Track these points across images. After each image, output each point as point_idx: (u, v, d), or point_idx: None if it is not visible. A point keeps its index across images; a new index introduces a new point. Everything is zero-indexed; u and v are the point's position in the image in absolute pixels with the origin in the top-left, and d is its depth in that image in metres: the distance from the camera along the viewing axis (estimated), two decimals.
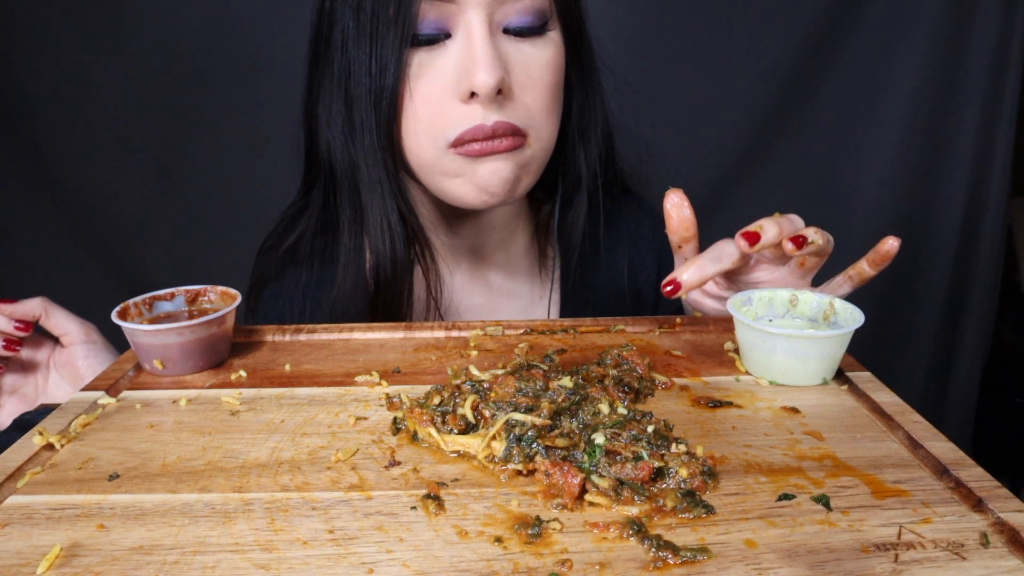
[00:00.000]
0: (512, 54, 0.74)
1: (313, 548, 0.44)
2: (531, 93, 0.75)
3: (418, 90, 0.74)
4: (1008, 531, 0.45)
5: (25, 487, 0.51)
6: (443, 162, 0.76)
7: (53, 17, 1.33)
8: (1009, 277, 1.70)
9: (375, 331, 0.78)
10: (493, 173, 0.75)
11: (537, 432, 0.52)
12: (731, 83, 1.41)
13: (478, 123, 0.73)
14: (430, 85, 0.74)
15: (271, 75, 1.35)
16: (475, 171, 0.76)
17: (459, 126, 0.74)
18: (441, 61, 0.74)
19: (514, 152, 0.75)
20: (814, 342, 0.63)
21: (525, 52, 0.75)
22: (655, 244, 0.99)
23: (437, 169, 0.77)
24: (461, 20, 0.72)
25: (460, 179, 0.77)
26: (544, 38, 0.76)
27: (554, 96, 0.78)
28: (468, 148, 0.74)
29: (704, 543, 0.44)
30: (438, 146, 0.75)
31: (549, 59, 0.76)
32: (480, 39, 0.71)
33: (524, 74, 0.75)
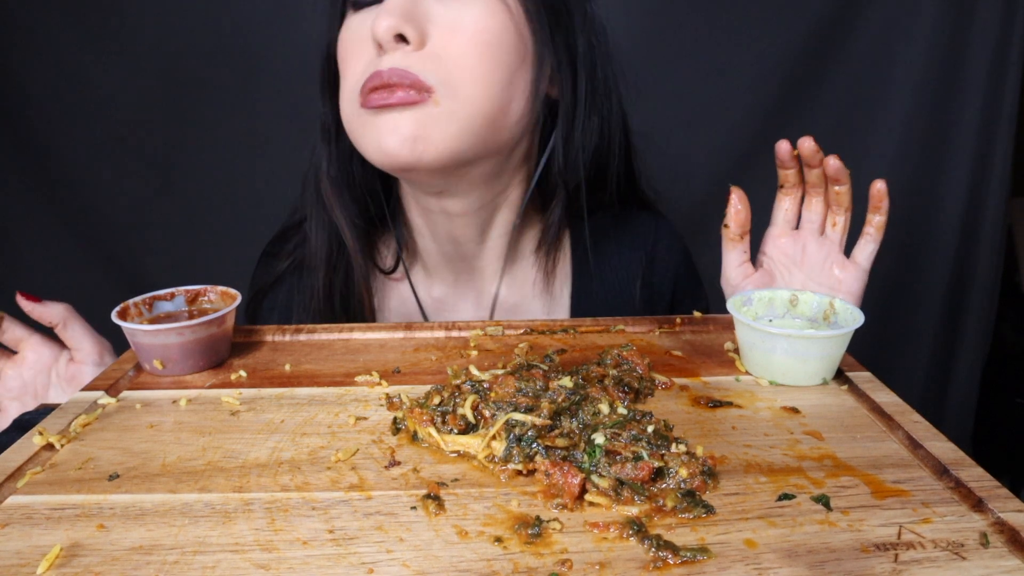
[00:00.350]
0: (437, 11, 0.71)
1: (313, 548, 0.44)
2: (449, 46, 0.70)
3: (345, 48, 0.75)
4: (1008, 531, 0.45)
5: (25, 487, 0.51)
6: (356, 118, 0.74)
7: (53, 17, 1.33)
8: (1009, 277, 1.70)
9: (375, 331, 0.78)
10: (391, 130, 0.70)
11: (537, 432, 0.52)
12: (731, 83, 1.41)
13: (374, 70, 0.70)
14: (355, 48, 0.74)
15: (271, 75, 1.36)
16: (375, 125, 0.71)
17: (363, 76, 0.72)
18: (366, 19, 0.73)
19: (415, 108, 0.70)
20: (814, 342, 0.63)
21: (452, 8, 0.71)
22: (671, 267, 0.95)
23: (351, 125, 0.75)
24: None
25: (365, 135, 0.73)
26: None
27: (485, 56, 0.71)
28: (368, 99, 0.71)
29: (704, 543, 0.44)
30: (352, 99, 0.73)
31: (478, 15, 0.71)
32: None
33: (446, 27, 0.71)
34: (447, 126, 0.71)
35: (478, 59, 0.71)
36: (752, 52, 1.39)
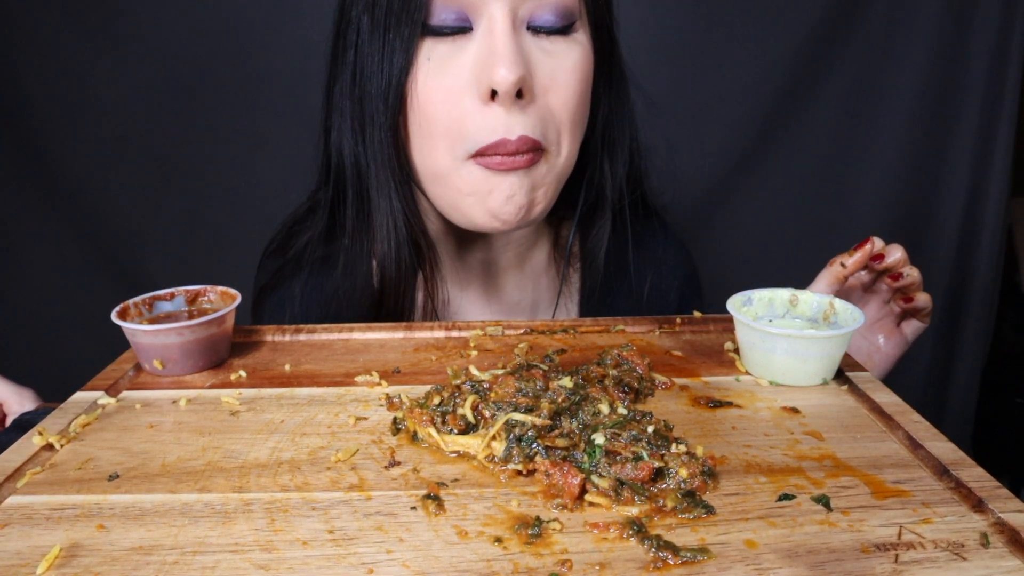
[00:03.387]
0: (535, 54, 0.69)
1: (313, 548, 0.44)
2: (555, 97, 0.71)
3: (432, 85, 0.70)
4: (1008, 531, 0.45)
5: (25, 487, 0.51)
6: (460, 174, 0.72)
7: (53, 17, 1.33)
8: (1009, 277, 1.70)
9: (375, 331, 0.78)
10: (507, 200, 0.71)
11: (537, 432, 0.52)
12: (731, 83, 1.41)
13: (501, 137, 0.68)
14: (446, 81, 0.69)
15: (271, 75, 1.36)
16: (490, 193, 0.71)
17: (482, 136, 0.69)
18: (459, 57, 0.69)
19: (528, 170, 0.71)
20: (814, 342, 0.63)
21: (549, 53, 0.70)
22: (678, 278, 0.95)
23: (452, 181, 0.73)
24: (483, 13, 0.68)
25: (473, 199, 0.72)
26: (570, 39, 0.71)
27: (580, 104, 0.73)
28: (490, 160, 0.70)
29: (704, 543, 0.44)
30: (456, 155, 0.71)
31: (576, 62, 0.71)
32: (502, 33, 0.67)
33: (548, 76, 0.70)
34: (551, 183, 0.74)
35: (576, 113, 0.73)
36: (752, 51, 1.39)
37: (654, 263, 0.93)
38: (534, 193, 0.73)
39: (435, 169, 0.74)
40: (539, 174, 0.72)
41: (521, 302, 0.92)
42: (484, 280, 0.91)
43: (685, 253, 0.97)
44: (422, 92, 0.71)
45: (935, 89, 1.41)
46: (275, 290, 0.89)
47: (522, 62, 0.67)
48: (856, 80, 1.42)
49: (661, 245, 0.95)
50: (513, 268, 0.90)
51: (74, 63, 1.36)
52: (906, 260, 0.75)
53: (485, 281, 0.91)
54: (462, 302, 0.91)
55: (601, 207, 0.85)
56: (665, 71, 1.41)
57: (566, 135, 0.73)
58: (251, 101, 1.39)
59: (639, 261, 0.93)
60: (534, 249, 0.91)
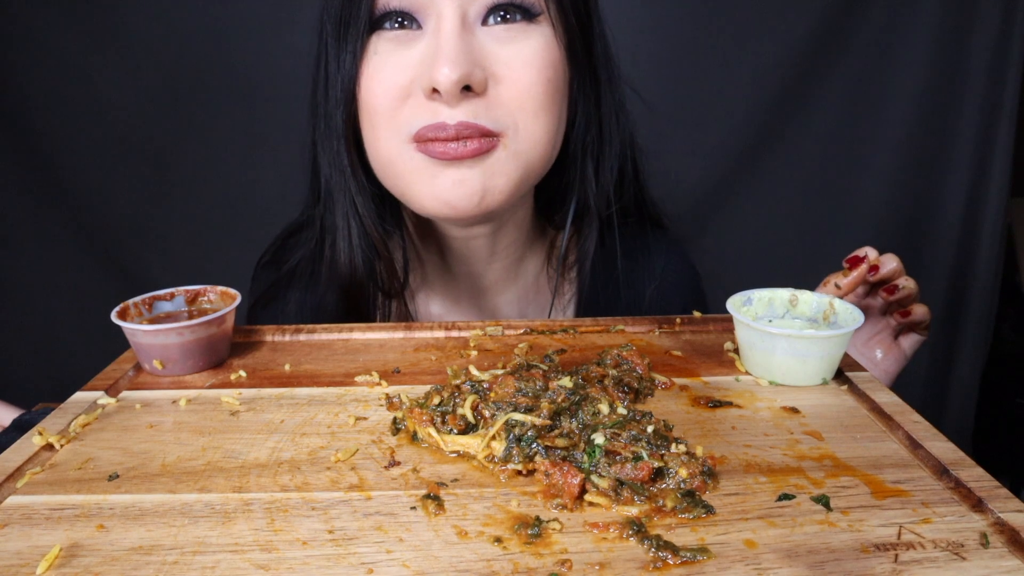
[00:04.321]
0: (490, 47, 0.68)
1: (313, 548, 0.44)
2: (510, 85, 0.68)
3: (376, 78, 0.69)
4: (1008, 531, 0.45)
5: (25, 487, 0.51)
6: (404, 159, 0.70)
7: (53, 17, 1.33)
8: (1009, 277, 1.70)
9: (375, 331, 0.78)
10: (456, 184, 0.68)
11: (537, 432, 0.52)
12: (731, 83, 1.41)
13: (441, 120, 0.66)
14: (393, 76, 0.68)
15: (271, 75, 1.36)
16: (435, 177, 0.69)
17: (420, 119, 0.68)
18: (407, 54, 0.68)
19: (482, 158, 0.68)
20: (814, 342, 0.63)
21: (505, 43, 0.68)
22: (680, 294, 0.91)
23: (398, 167, 0.71)
24: (432, 11, 0.67)
25: (420, 184, 0.70)
26: (529, 31, 0.69)
27: (543, 94, 0.69)
28: (429, 148, 0.68)
29: (704, 543, 0.44)
30: (400, 139, 0.69)
31: (534, 51, 0.69)
32: (448, 31, 0.65)
33: (503, 68, 0.68)
34: (512, 171, 0.70)
35: (540, 99, 0.69)
36: (752, 52, 1.39)
37: (655, 277, 0.91)
38: (491, 181, 0.69)
39: (381, 156, 0.72)
40: (496, 160, 0.69)
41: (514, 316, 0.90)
42: (475, 292, 0.89)
43: (689, 267, 0.94)
44: (367, 85, 0.70)
45: (935, 89, 1.41)
46: (269, 303, 0.88)
47: (467, 60, 0.65)
48: (856, 80, 1.42)
49: (662, 258, 0.92)
50: (504, 281, 0.88)
51: (74, 63, 1.36)
52: (902, 271, 0.72)
53: (476, 293, 0.89)
54: (455, 315, 0.90)
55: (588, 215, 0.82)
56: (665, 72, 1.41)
57: (527, 119, 0.69)
58: (251, 102, 1.39)
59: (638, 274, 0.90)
60: (526, 262, 0.89)
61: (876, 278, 0.72)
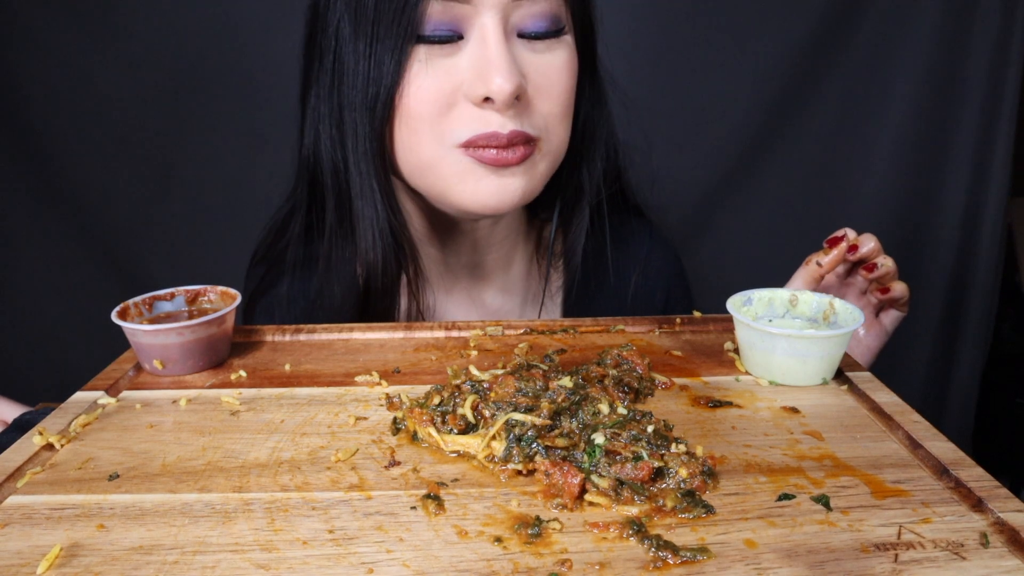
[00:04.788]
0: (527, 59, 0.71)
1: (313, 548, 0.44)
2: (546, 99, 0.73)
3: (423, 86, 0.70)
4: (1008, 531, 0.45)
5: (25, 487, 0.51)
6: (447, 162, 0.72)
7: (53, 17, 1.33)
8: (1009, 277, 1.70)
9: (375, 331, 0.78)
10: (500, 188, 0.73)
11: (537, 432, 0.52)
12: (730, 83, 1.41)
13: (494, 130, 0.70)
14: (438, 82, 0.70)
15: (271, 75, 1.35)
16: (480, 181, 0.73)
17: (472, 128, 0.70)
18: (451, 62, 0.70)
19: (525, 163, 0.73)
20: (814, 342, 0.63)
21: (540, 57, 0.72)
22: (664, 277, 0.95)
23: (441, 171, 0.73)
24: (475, 22, 0.69)
25: (464, 185, 0.73)
26: (558, 42, 0.74)
27: (568, 102, 0.76)
28: (482, 154, 0.71)
29: (704, 543, 0.44)
30: (444, 144, 0.72)
31: (564, 64, 0.74)
32: (496, 43, 0.68)
33: (540, 79, 0.72)
34: (544, 172, 0.76)
35: (566, 106, 0.75)
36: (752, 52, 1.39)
37: (638, 263, 0.94)
38: (529, 184, 0.75)
39: (421, 159, 0.74)
40: (533, 164, 0.74)
41: (505, 304, 0.92)
42: (469, 282, 0.91)
43: (671, 253, 0.97)
44: (412, 93, 0.71)
45: (935, 89, 1.41)
46: (263, 296, 0.89)
47: (517, 71, 0.69)
48: (856, 81, 1.42)
49: (646, 245, 0.95)
50: (498, 270, 0.91)
51: (74, 63, 1.36)
52: (880, 250, 0.75)
53: (470, 283, 0.91)
54: (448, 305, 0.91)
55: (579, 204, 0.86)
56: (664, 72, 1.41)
57: (556, 125, 0.75)
58: (251, 101, 1.39)
59: (623, 261, 0.93)
60: (517, 250, 0.92)
61: (856, 257, 0.75)
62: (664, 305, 0.95)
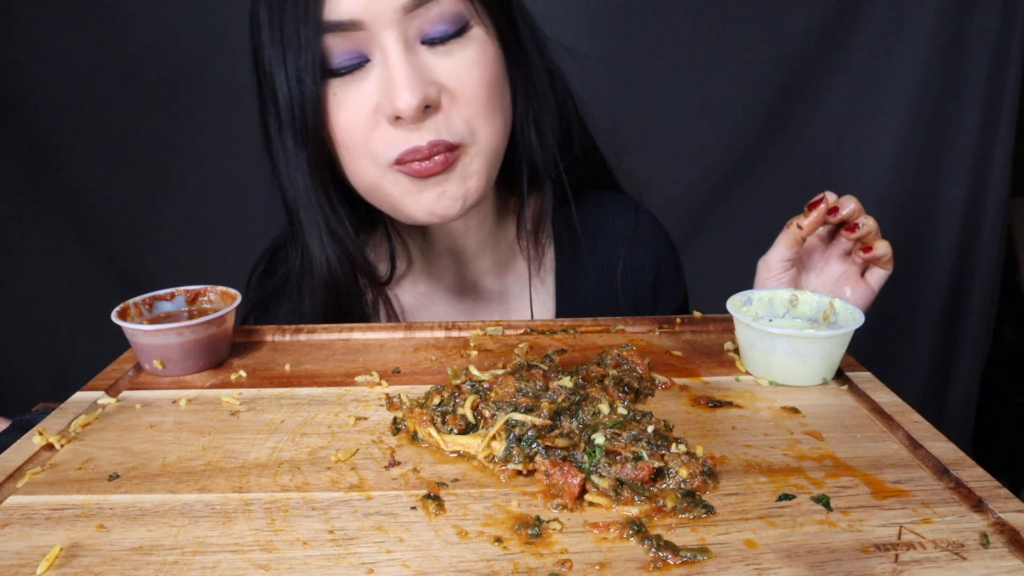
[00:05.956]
0: (435, 64, 0.72)
1: (313, 548, 0.44)
2: (463, 100, 0.73)
3: (343, 116, 0.73)
4: (1008, 531, 0.45)
5: (25, 487, 0.51)
6: (387, 181, 0.75)
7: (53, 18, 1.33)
8: (1009, 277, 1.70)
9: (375, 331, 0.78)
10: (439, 197, 0.75)
11: (537, 432, 0.52)
12: (731, 83, 1.41)
13: (414, 144, 0.72)
14: (354, 114, 0.73)
15: None
16: (420, 193, 0.75)
17: (396, 147, 0.73)
18: (363, 87, 0.72)
19: (453, 167, 0.74)
20: (814, 342, 0.63)
21: (449, 59, 0.73)
22: (653, 251, 0.97)
23: (384, 190, 0.76)
24: (375, 44, 0.70)
25: (407, 200, 0.76)
26: (466, 39, 0.73)
27: (491, 94, 0.75)
28: (411, 168, 0.73)
29: (704, 543, 0.44)
30: (380, 165, 0.74)
31: (475, 58, 0.74)
32: (396, 59, 0.69)
33: (453, 82, 0.73)
34: (481, 169, 0.77)
35: (487, 100, 0.75)
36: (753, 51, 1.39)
37: (627, 238, 0.95)
38: (466, 184, 0.76)
39: (367, 182, 0.77)
40: (465, 166, 0.75)
41: (494, 287, 0.94)
42: (456, 268, 0.93)
43: (660, 228, 0.99)
44: (338, 124, 0.74)
45: (935, 89, 1.41)
46: (263, 313, 0.92)
47: (421, 83, 0.70)
48: (856, 80, 1.42)
49: (633, 221, 0.97)
50: (482, 252, 0.92)
51: (74, 63, 1.36)
52: (861, 211, 0.76)
53: (457, 269, 0.93)
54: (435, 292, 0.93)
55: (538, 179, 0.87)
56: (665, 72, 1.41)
57: (480, 123, 0.75)
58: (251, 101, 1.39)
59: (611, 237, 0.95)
60: (500, 230, 0.93)
61: (837, 219, 0.76)
62: (655, 279, 0.97)
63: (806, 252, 0.83)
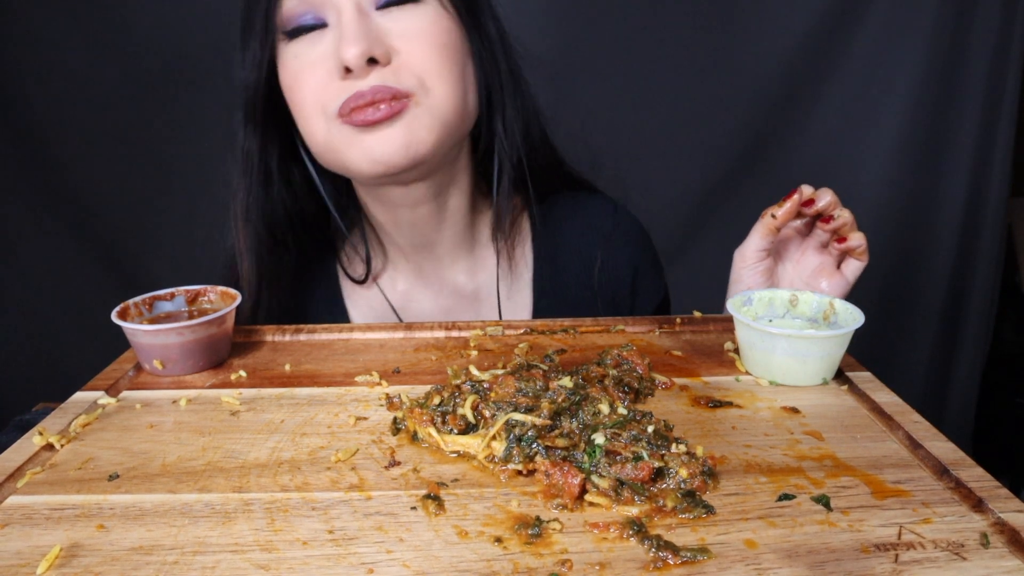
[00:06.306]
0: (388, 27, 0.76)
1: (313, 548, 0.44)
2: (413, 55, 0.77)
3: (300, 76, 0.78)
4: (1008, 531, 0.45)
5: (25, 487, 0.51)
6: (332, 135, 0.78)
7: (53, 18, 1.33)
8: (1009, 277, 1.70)
9: (375, 331, 0.78)
10: (382, 142, 0.76)
11: (537, 432, 0.52)
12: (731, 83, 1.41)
13: (357, 90, 0.75)
14: (311, 73, 0.77)
15: None
16: (364, 141, 0.77)
17: (340, 97, 0.76)
18: (317, 48, 0.77)
19: (402, 115, 0.76)
20: (814, 342, 0.63)
21: (401, 23, 0.77)
22: (629, 250, 0.98)
23: (333, 143, 0.79)
24: (331, 7, 0.76)
25: (352, 150, 0.78)
26: (421, 6, 0.78)
27: (444, 55, 0.78)
28: (352, 117, 0.75)
29: (704, 543, 0.44)
30: (328, 118, 0.78)
31: (428, 22, 0.78)
32: (348, 18, 0.74)
33: (403, 43, 0.77)
34: (431, 124, 0.78)
35: (440, 60, 0.78)
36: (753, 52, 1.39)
37: (604, 236, 0.97)
38: (412, 133, 0.77)
39: (319, 140, 0.80)
40: (413, 117, 0.77)
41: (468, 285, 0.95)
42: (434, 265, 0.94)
43: (637, 227, 1.00)
44: (292, 86, 0.79)
45: (935, 89, 1.41)
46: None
47: (367, 37, 0.74)
48: (856, 80, 1.42)
49: (611, 220, 0.98)
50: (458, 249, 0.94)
51: (74, 63, 1.36)
52: (837, 203, 0.78)
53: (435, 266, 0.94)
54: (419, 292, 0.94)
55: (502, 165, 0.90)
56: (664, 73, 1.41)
57: (432, 77, 0.78)
58: None
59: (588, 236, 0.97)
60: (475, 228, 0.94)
61: (813, 210, 0.78)
62: (633, 278, 0.98)
63: (783, 243, 0.85)
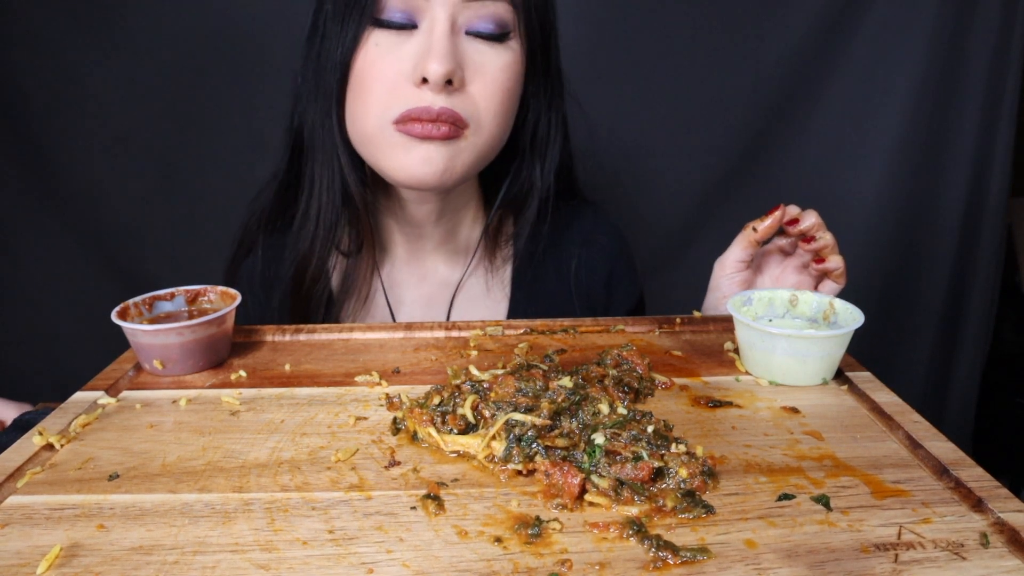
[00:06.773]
0: (469, 53, 0.79)
1: (313, 548, 0.44)
2: (481, 90, 0.80)
3: (375, 65, 0.79)
4: (1008, 531, 0.45)
5: (25, 487, 0.51)
6: (383, 136, 0.80)
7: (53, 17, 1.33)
8: (1009, 277, 1.70)
9: (375, 331, 0.78)
10: (424, 160, 0.79)
11: (537, 432, 0.52)
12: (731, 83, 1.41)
13: (426, 104, 0.77)
14: (388, 65, 0.79)
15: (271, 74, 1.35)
16: (409, 152, 0.79)
17: (409, 102, 0.78)
18: (404, 47, 0.79)
19: (449, 141, 0.79)
20: (814, 342, 0.63)
21: (482, 53, 0.80)
22: (607, 252, 1.02)
23: (376, 141, 0.81)
24: (428, 15, 0.77)
25: (394, 157, 0.80)
26: (503, 46, 0.81)
27: (505, 99, 0.82)
28: (410, 127, 0.78)
29: (704, 543, 0.44)
30: (384, 119, 0.79)
31: (504, 64, 0.81)
32: (440, 33, 0.76)
33: (477, 72, 0.80)
34: (469, 157, 0.82)
35: (500, 103, 0.82)
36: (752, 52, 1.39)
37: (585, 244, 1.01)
38: (453, 161, 0.81)
39: (365, 130, 0.82)
40: (459, 147, 0.81)
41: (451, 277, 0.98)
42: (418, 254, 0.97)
43: (615, 232, 1.05)
44: (366, 69, 0.80)
45: (935, 90, 1.41)
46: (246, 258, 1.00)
47: (454, 59, 0.77)
48: (856, 80, 1.42)
49: (591, 224, 1.03)
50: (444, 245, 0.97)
51: (74, 63, 1.36)
52: (821, 226, 0.80)
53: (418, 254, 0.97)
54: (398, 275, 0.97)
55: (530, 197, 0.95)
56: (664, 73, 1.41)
57: (489, 118, 0.82)
58: (251, 101, 1.39)
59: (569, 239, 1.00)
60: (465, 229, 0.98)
61: (796, 230, 0.80)
62: (608, 279, 1.01)
63: (764, 258, 0.87)
